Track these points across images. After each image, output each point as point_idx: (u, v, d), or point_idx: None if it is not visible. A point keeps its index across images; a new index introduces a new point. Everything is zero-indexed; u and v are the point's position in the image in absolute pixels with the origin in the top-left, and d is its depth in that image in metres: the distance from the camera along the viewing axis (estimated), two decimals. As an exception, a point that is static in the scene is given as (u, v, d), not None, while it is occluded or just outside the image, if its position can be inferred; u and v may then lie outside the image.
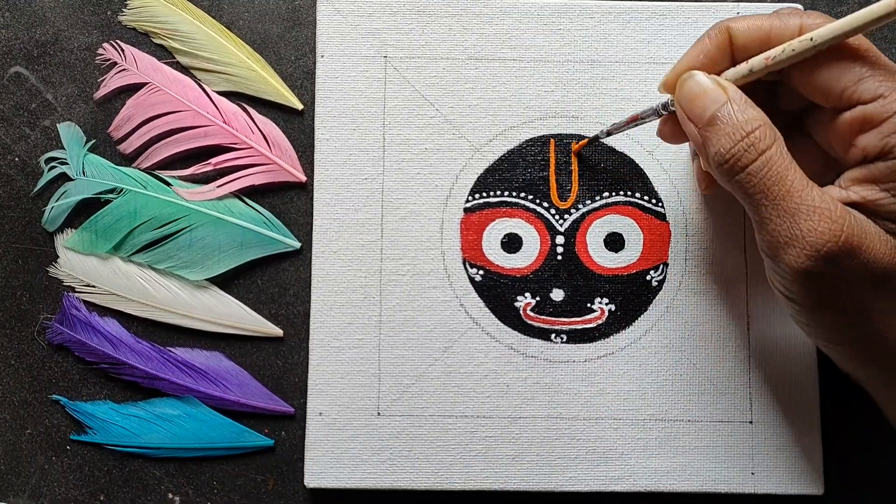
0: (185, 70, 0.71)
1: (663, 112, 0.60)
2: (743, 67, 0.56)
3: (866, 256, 0.51)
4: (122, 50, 0.71)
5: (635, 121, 0.63)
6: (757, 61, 0.55)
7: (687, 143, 0.66)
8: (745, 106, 0.54)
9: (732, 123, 0.53)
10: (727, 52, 0.57)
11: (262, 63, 0.71)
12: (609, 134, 0.66)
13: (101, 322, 0.69)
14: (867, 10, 0.51)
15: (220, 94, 0.71)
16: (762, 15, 0.56)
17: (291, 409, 0.68)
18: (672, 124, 0.61)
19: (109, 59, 0.71)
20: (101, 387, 0.69)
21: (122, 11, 0.72)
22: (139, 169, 0.70)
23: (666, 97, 0.59)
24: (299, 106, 0.70)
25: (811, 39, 0.53)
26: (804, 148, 0.59)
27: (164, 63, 0.71)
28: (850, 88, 0.53)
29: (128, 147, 0.70)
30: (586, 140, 0.68)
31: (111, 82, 0.71)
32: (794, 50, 0.53)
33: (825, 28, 0.52)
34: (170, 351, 0.68)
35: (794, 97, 0.58)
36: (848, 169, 0.55)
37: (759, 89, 0.58)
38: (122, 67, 0.71)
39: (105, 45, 0.71)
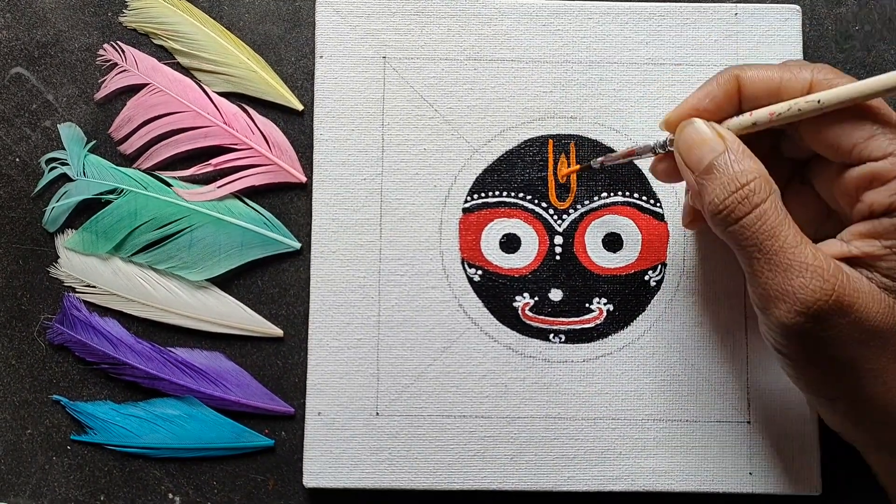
0: (185, 71, 0.71)
1: (660, 151, 0.60)
2: (747, 119, 0.56)
3: (858, 314, 0.51)
4: (123, 51, 0.71)
5: (631, 155, 0.63)
6: (762, 115, 0.55)
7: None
8: (742, 157, 0.53)
9: (728, 174, 0.53)
10: (734, 99, 0.56)
11: (263, 64, 0.71)
12: (602, 165, 0.66)
13: (101, 322, 0.69)
14: (878, 80, 0.51)
15: (221, 94, 0.71)
16: (773, 66, 0.56)
17: (291, 409, 0.69)
18: (666, 164, 0.61)
19: (110, 60, 0.71)
20: (102, 387, 0.69)
21: (123, 12, 0.72)
22: (139, 169, 0.70)
23: (665, 135, 0.59)
24: (299, 107, 0.71)
25: (818, 101, 0.53)
26: (803, 197, 0.60)
27: (165, 64, 0.71)
28: (860, 145, 0.53)
29: (128, 148, 0.71)
30: (578, 167, 0.68)
31: (112, 83, 0.71)
32: (800, 110, 0.53)
33: (833, 92, 0.52)
34: (170, 351, 0.69)
35: (799, 146, 0.58)
36: (852, 223, 0.55)
37: (764, 135, 0.57)
38: (123, 68, 0.71)
39: (105, 45, 0.72)
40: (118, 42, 0.72)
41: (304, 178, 0.70)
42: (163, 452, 0.68)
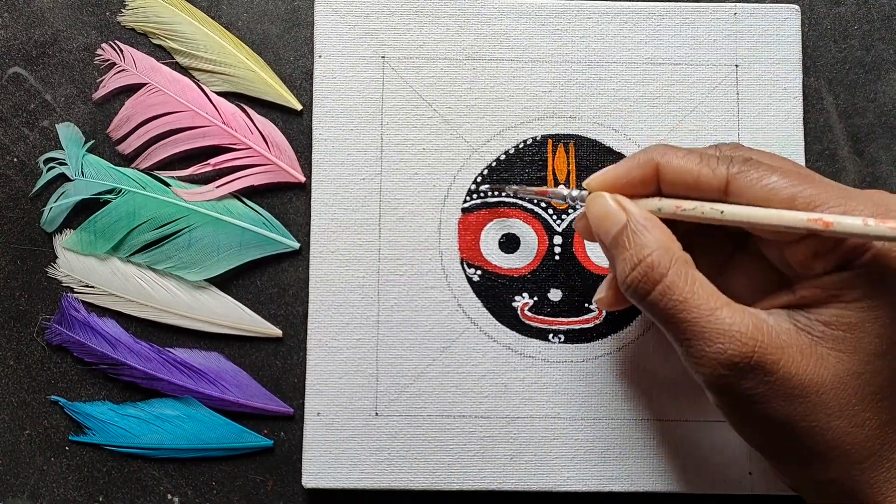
0: (184, 70, 0.71)
1: (570, 202, 0.60)
2: (654, 203, 0.56)
3: (784, 370, 0.50)
4: (121, 50, 0.71)
5: (543, 195, 0.63)
6: (668, 206, 0.55)
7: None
8: (643, 229, 0.54)
9: (629, 248, 0.54)
10: (651, 183, 0.56)
11: (261, 63, 0.71)
12: (515, 193, 0.65)
13: (99, 322, 0.69)
14: (779, 215, 0.50)
15: (219, 94, 0.71)
16: (694, 154, 0.55)
17: (290, 409, 0.68)
18: (584, 224, 0.59)
19: (108, 60, 0.71)
20: (100, 388, 0.69)
21: (121, 12, 0.72)
22: (138, 169, 0.70)
23: (582, 191, 0.59)
24: (298, 106, 0.71)
25: (721, 213, 0.53)
26: (754, 263, 0.59)
27: (163, 63, 0.71)
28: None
29: (127, 147, 0.70)
30: (500, 187, 0.68)
31: (110, 83, 0.71)
32: (703, 213, 0.53)
33: (736, 210, 0.52)
34: (169, 351, 0.68)
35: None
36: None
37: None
38: (121, 68, 0.71)
39: (104, 45, 0.72)
40: (116, 42, 0.72)
41: (302, 178, 0.70)
42: (161, 453, 0.68)
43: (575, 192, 0.60)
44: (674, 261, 0.52)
